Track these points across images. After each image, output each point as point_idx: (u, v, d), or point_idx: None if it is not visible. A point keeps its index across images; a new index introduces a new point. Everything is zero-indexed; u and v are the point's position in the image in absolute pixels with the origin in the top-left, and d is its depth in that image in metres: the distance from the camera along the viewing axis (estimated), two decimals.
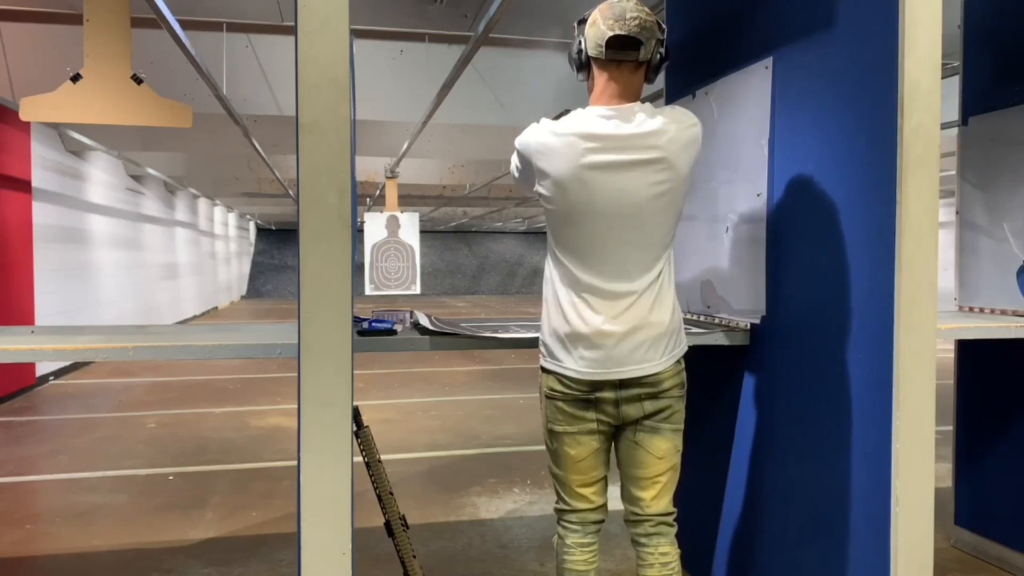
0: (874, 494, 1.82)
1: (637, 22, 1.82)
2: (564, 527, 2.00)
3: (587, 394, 1.88)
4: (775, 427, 2.20)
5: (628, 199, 1.83)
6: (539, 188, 1.91)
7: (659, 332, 1.88)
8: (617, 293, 1.86)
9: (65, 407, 6.31)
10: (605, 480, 1.99)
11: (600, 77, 1.89)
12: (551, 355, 1.93)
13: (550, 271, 1.96)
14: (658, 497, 1.93)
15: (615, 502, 2.00)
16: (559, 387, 1.91)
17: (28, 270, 6.93)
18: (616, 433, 1.96)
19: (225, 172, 11.18)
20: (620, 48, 1.84)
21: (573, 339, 1.88)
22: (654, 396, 1.88)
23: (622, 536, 2.03)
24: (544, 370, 1.97)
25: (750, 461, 2.32)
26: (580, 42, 1.92)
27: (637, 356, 1.86)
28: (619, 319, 1.85)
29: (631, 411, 1.89)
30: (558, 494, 2.01)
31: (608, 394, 1.88)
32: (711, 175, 2.50)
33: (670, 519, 1.96)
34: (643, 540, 1.95)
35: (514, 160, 2.01)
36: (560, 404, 1.92)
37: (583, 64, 1.93)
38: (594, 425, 1.91)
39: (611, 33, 1.82)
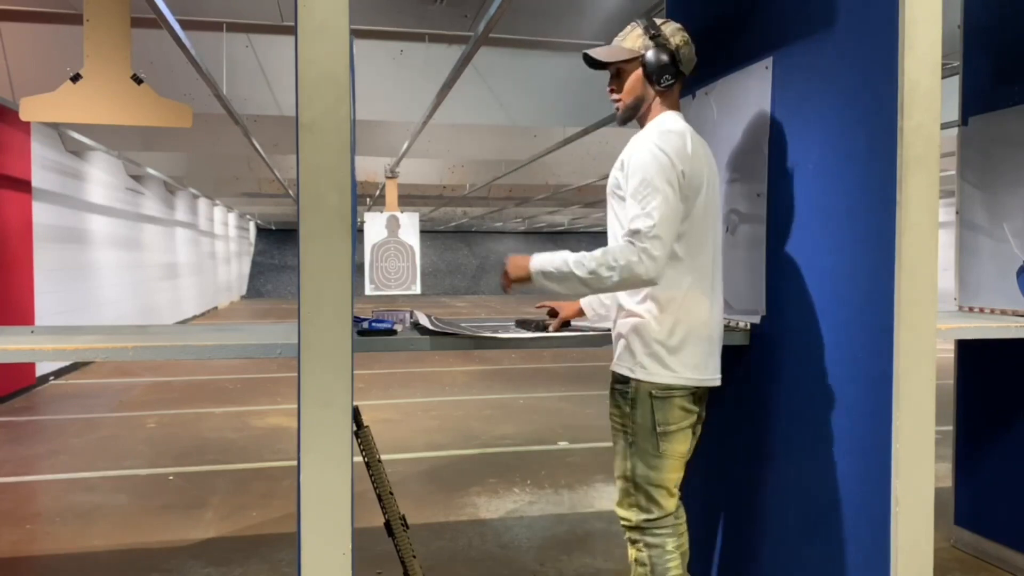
0: (874, 494, 1.82)
1: None
2: (659, 535, 1.97)
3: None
4: (775, 427, 2.20)
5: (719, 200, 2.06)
6: (691, 191, 1.91)
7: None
8: (719, 294, 2.04)
9: (65, 407, 6.31)
10: None
11: (675, 91, 2.04)
12: (664, 363, 1.93)
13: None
14: None
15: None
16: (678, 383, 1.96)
17: (28, 270, 6.93)
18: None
19: (225, 172, 11.17)
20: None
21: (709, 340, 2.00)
22: None
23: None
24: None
25: (750, 461, 2.32)
26: (675, 49, 1.99)
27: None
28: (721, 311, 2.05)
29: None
30: (651, 505, 1.97)
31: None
32: None
33: None
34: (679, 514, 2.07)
35: (662, 170, 1.84)
36: (678, 400, 1.95)
37: (675, 73, 2.01)
38: (697, 414, 2.02)
39: (696, 60, 2.04)
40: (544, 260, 1.94)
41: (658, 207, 1.81)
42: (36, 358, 1.95)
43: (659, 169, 1.83)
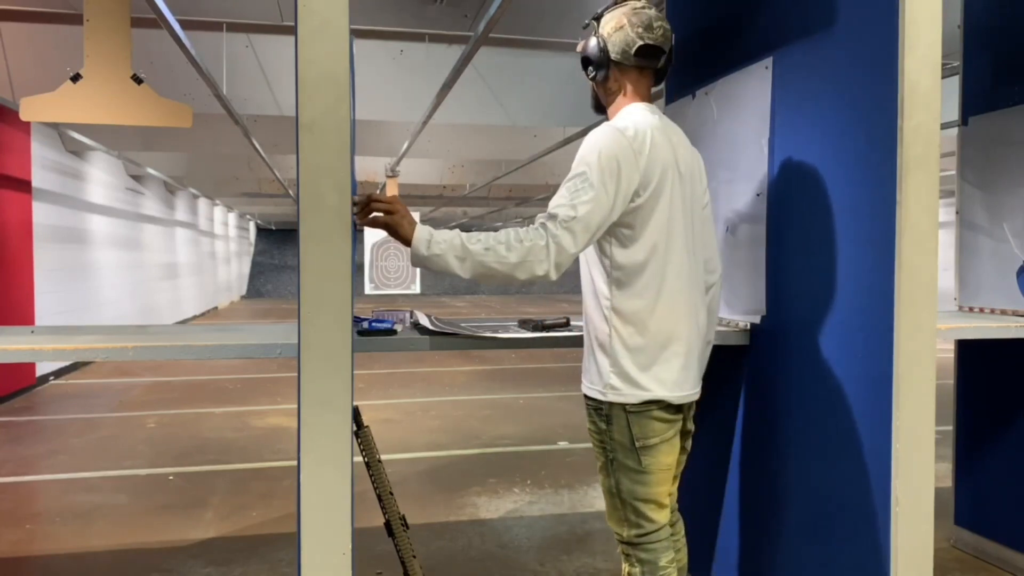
0: (874, 494, 1.82)
1: (663, 32, 1.87)
2: (651, 550, 1.86)
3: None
4: (775, 427, 2.20)
5: (696, 198, 1.93)
6: (637, 188, 1.76)
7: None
8: (700, 301, 1.93)
9: (65, 407, 6.31)
10: None
11: (625, 80, 1.90)
12: (634, 382, 1.81)
13: (613, 285, 1.82)
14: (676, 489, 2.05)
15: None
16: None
17: (28, 270, 6.94)
18: None
19: (225, 172, 11.18)
20: (648, 56, 1.87)
21: (683, 349, 1.87)
22: None
23: None
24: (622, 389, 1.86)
25: (750, 461, 2.32)
26: (601, 41, 1.88)
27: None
28: (702, 322, 1.95)
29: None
30: (640, 520, 1.86)
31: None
32: (711, 175, 2.49)
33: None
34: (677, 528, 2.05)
35: (603, 172, 1.72)
36: (655, 412, 1.82)
37: (603, 63, 1.89)
38: (680, 424, 1.91)
39: (641, 42, 1.84)
40: (431, 229, 1.74)
41: (586, 203, 1.69)
42: (36, 358, 1.95)
43: (601, 169, 1.71)
